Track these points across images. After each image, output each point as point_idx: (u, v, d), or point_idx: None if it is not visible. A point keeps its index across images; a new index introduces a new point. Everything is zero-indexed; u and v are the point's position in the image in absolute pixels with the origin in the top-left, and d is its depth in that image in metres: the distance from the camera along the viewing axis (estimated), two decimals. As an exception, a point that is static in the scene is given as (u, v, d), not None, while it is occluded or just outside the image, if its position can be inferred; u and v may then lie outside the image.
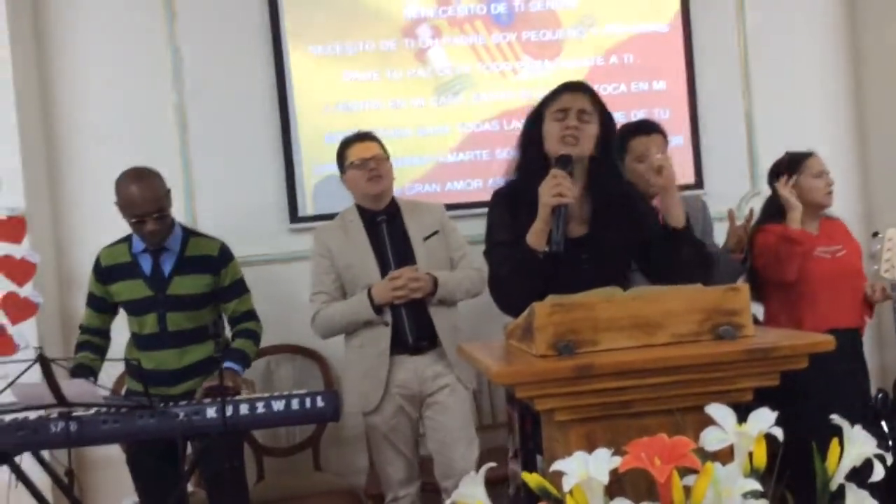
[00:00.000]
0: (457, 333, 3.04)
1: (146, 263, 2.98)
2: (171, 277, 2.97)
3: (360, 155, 3.06)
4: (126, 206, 2.87)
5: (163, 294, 2.96)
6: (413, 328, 3.01)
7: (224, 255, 3.06)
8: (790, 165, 3.18)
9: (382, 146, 3.14)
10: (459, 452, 3.01)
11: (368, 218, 3.10)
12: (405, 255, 3.05)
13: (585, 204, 2.31)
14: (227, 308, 3.08)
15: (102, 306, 3.09)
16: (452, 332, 3.03)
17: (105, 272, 3.03)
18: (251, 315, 3.11)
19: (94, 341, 3.09)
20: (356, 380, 3.09)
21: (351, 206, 3.18)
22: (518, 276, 2.21)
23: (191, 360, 2.99)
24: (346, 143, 3.15)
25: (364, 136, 3.15)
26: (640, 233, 2.30)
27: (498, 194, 2.41)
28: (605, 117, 2.34)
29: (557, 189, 2.11)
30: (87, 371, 2.95)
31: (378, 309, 2.96)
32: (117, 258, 3.02)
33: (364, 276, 3.02)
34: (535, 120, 2.36)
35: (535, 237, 2.16)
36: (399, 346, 3.01)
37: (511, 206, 2.32)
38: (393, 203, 3.14)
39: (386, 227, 3.08)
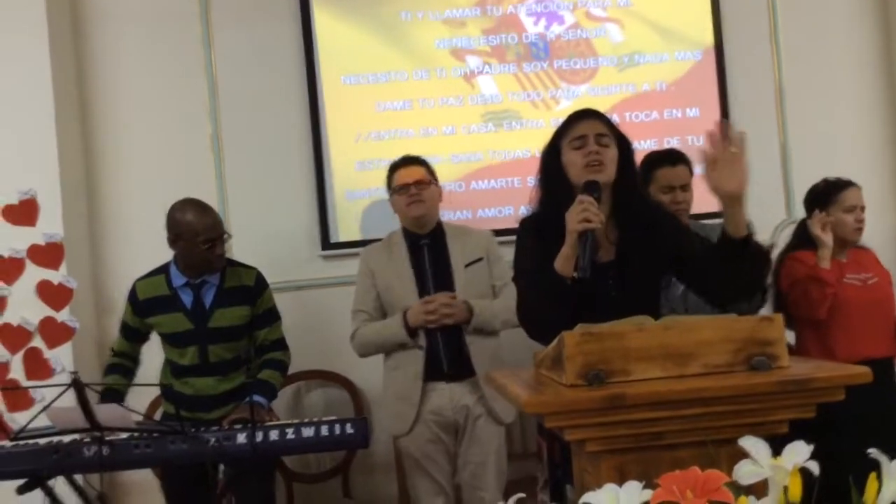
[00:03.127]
0: (496, 363, 2.97)
1: (187, 297, 3.00)
2: (213, 310, 2.99)
3: (403, 180, 3.08)
4: (193, 233, 2.89)
5: (204, 327, 2.98)
6: (448, 354, 2.99)
7: (259, 284, 3.08)
8: (824, 195, 3.10)
9: (430, 170, 3.14)
10: (488, 484, 3.00)
11: (412, 241, 3.10)
12: (445, 281, 3.04)
13: (612, 230, 2.28)
14: (257, 336, 3.08)
15: (136, 336, 3.13)
16: (490, 362, 2.97)
17: (142, 305, 3.04)
18: (280, 344, 3.12)
19: (125, 364, 3.13)
20: (390, 402, 3.10)
21: (398, 229, 3.19)
22: (545, 302, 2.17)
23: (228, 386, 3.02)
24: (393, 168, 3.16)
25: (409, 161, 3.15)
26: (670, 252, 2.24)
27: (525, 222, 2.38)
28: (622, 141, 2.30)
29: (584, 215, 2.07)
30: (115, 395, 2.97)
31: (412, 332, 2.97)
32: (155, 291, 3.02)
33: (402, 298, 3.03)
34: (552, 152, 2.32)
35: (563, 263, 2.13)
36: (434, 371, 3.00)
37: (537, 234, 2.29)
38: (439, 227, 3.14)
39: (428, 251, 3.08)
